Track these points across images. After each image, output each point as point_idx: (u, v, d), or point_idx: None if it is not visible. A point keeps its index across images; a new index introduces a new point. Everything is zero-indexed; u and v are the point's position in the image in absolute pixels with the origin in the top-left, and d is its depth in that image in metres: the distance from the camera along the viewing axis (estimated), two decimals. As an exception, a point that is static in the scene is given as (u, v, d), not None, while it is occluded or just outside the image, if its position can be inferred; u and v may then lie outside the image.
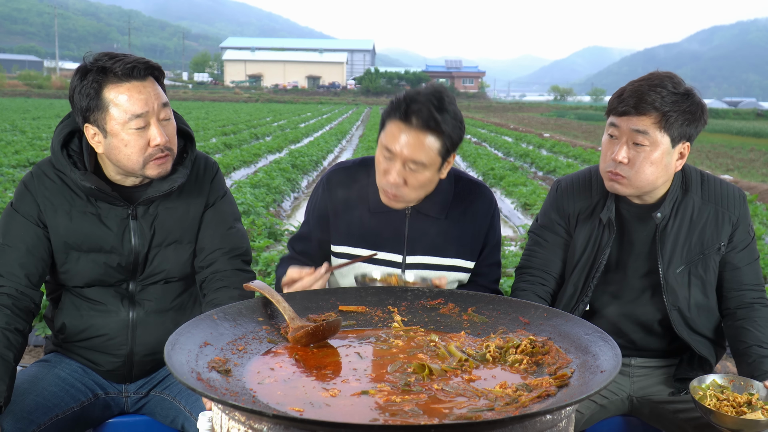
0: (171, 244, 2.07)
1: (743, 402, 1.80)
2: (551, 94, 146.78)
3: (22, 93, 65.84)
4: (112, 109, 1.86)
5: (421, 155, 1.96)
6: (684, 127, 1.99)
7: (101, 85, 1.85)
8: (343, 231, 2.19)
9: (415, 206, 2.15)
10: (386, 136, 2.00)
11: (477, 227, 2.20)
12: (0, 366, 1.81)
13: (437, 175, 2.06)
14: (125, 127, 1.87)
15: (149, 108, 1.87)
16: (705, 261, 2.13)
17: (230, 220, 2.16)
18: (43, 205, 1.98)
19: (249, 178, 11.37)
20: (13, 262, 1.95)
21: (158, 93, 1.90)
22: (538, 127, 35.42)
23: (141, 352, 2.08)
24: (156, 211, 2.04)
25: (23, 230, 1.97)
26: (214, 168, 2.18)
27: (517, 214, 9.94)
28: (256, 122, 31.35)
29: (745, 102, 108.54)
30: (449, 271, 2.18)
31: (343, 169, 2.25)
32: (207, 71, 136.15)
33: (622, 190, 2.06)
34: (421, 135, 1.94)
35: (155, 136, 1.89)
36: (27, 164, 12.66)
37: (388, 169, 2.01)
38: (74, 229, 1.98)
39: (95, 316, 2.05)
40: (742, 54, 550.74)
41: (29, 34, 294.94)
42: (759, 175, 15.97)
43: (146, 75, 1.89)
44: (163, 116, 1.91)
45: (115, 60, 1.85)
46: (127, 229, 2.02)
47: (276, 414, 1.13)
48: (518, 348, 1.54)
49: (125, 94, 1.85)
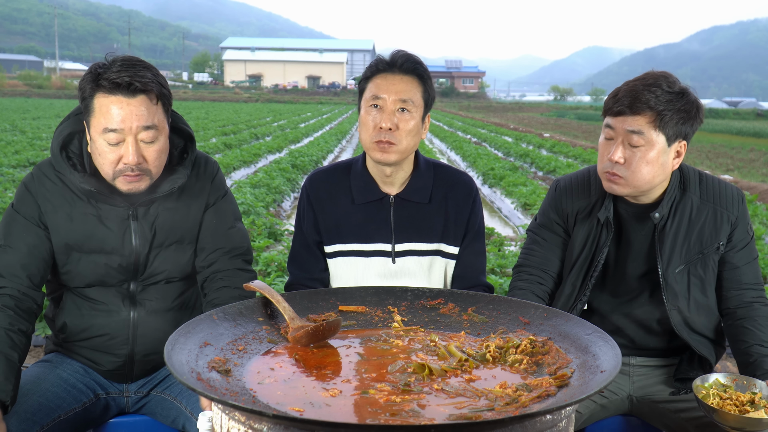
0: (172, 244, 2.07)
1: (746, 401, 1.80)
2: (551, 94, 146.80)
3: (22, 93, 65.86)
4: (95, 117, 1.86)
5: (409, 93, 2.11)
6: (679, 125, 1.99)
7: (93, 89, 1.85)
8: (333, 229, 2.24)
9: (398, 194, 2.23)
10: (371, 89, 2.13)
11: (458, 211, 2.26)
12: (5, 366, 1.81)
13: (421, 128, 2.18)
14: (101, 137, 1.86)
15: (125, 126, 1.84)
16: (704, 260, 2.13)
17: (231, 220, 2.16)
18: (43, 207, 1.98)
19: (249, 178, 11.38)
20: (14, 263, 1.95)
21: (144, 113, 1.85)
22: (538, 127, 35.43)
23: (142, 352, 2.08)
24: (157, 212, 2.04)
25: (24, 231, 1.97)
26: (215, 168, 2.18)
27: (517, 214, 9.93)
28: (256, 122, 31.35)
29: (745, 102, 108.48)
30: (435, 256, 2.24)
31: (320, 172, 2.33)
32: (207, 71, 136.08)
33: (620, 191, 2.06)
34: (406, 77, 2.13)
35: (126, 154, 1.86)
36: (27, 164, 12.67)
37: (379, 119, 2.11)
38: (75, 230, 1.98)
39: (96, 315, 2.05)
40: (742, 54, 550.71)
41: (29, 34, 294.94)
42: (759, 175, 15.97)
43: (137, 92, 1.84)
44: (144, 138, 1.87)
45: (115, 69, 1.83)
46: (128, 230, 2.02)
47: (276, 414, 1.13)
48: (518, 348, 1.54)
49: (107, 106, 1.84)
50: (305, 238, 2.28)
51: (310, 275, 2.26)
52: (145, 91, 1.85)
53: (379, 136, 2.10)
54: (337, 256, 2.25)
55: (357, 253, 2.23)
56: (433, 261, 2.24)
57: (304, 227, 2.28)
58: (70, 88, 71.18)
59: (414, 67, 2.13)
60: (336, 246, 2.24)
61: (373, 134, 2.11)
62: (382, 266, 2.21)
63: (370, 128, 2.12)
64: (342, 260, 2.24)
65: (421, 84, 2.14)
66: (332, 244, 2.25)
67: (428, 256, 2.24)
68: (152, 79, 1.87)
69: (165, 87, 1.92)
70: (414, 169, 2.26)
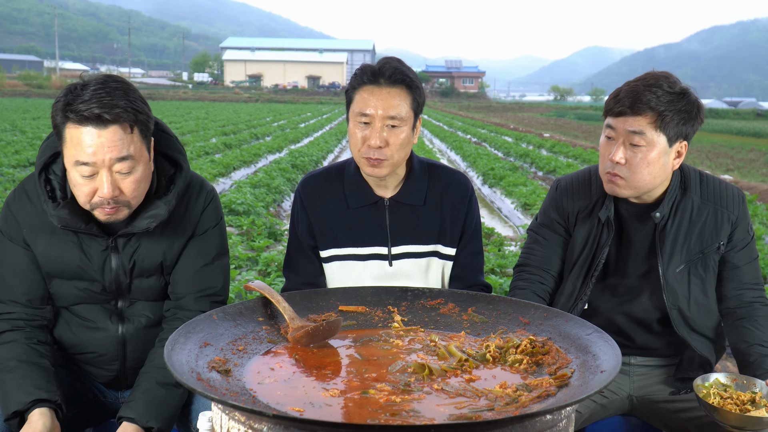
0: (153, 275, 1.99)
1: (747, 400, 1.81)
2: (551, 94, 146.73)
3: (22, 93, 65.82)
4: (66, 147, 1.74)
5: (398, 109, 2.06)
6: (680, 126, 1.99)
7: (64, 119, 1.72)
8: (327, 234, 2.22)
9: (393, 197, 2.21)
10: (359, 103, 2.08)
11: (454, 212, 2.24)
12: (42, 372, 1.83)
13: (412, 137, 2.14)
14: (74, 168, 1.74)
15: (97, 159, 1.70)
16: (704, 260, 2.13)
17: (212, 255, 2.01)
18: (24, 229, 1.91)
19: (249, 178, 11.39)
20: (12, 290, 1.92)
21: (117, 144, 1.70)
22: (538, 127, 35.42)
23: (133, 366, 2.03)
24: (138, 243, 1.93)
25: (14, 255, 1.92)
26: (209, 198, 2.02)
27: (517, 214, 9.93)
28: (256, 122, 31.35)
29: (745, 102, 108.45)
30: (431, 257, 2.22)
31: (313, 176, 2.30)
32: (207, 71, 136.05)
33: (621, 192, 2.06)
34: (392, 90, 2.07)
35: (101, 187, 1.73)
36: (27, 164, 12.67)
37: (368, 135, 2.06)
38: (54, 256, 1.91)
39: (85, 332, 2.00)
40: (742, 54, 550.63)
41: (29, 34, 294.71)
42: (759, 175, 15.97)
43: (108, 123, 1.69)
44: (119, 169, 1.73)
45: (86, 97, 1.68)
46: (107, 260, 1.93)
47: (276, 414, 1.13)
48: (518, 348, 1.54)
49: (77, 137, 1.70)
50: (300, 243, 2.26)
51: (306, 280, 2.24)
52: (117, 121, 1.70)
53: (368, 153, 2.07)
54: (332, 260, 2.23)
55: (353, 257, 2.21)
56: (429, 262, 2.24)
57: (298, 232, 2.26)
58: (70, 88, 71.06)
59: (402, 78, 2.06)
60: (331, 250, 2.23)
61: (362, 150, 2.08)
62: (378, 269, 2.20)
63: (359, 143, 2.08)
64: (338, 264, 2.23)
65: (410, 93, 2.08)
66: (327, 248, 2.23)
67: (425, 258, 2.23)
68: (125, 107, 1.71)
69: (142, 112, 1.75)
70: (408, 171, 2.23)
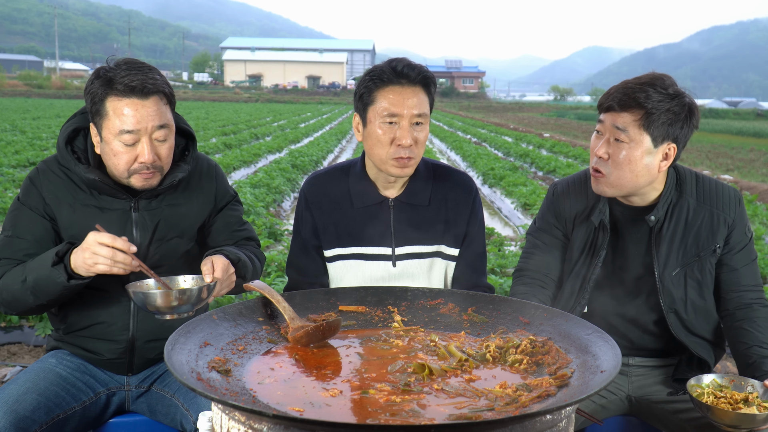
0: (173, 238, 2.11)
1: (740, 399, 1.82)
2: (551, 94, 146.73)
3: (22, 93, 65.82)
4: (109, 119, 1.92)
5: (423, 106, 2.09)
6: (666, 126, 1.97)
7: (105, 93, 1.91)
8: (332, 234, 2.22)
9: (397, 197, 2.21)
10: (385, 104, 2.06)
11: (458, 212, 2.25)
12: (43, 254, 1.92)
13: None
14: (116, 138, 1.93)
15: (141, 127, 1.92)
16: (701, 263, 2.12)
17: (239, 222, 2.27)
18: (48, 199, 2.03)
19: (249, 178, 11.38)
20: (19, 252, 2.00)
21: (157, 113, 1.94)
22: (538, 127, 35.42)
23: (143, 338, 2.10)
24: (159, 206, 2.10)
25: (30, 222, 2.03)
26: (217, 168, 2.26)
27: (517, 214, 9.93)
28: (256, 122, 31.35)
29: (745, 102, 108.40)
30: (435, 258, 2.23)
31: (318, 176, 2.30)
32: (207, 71, 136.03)
33: (604, 190, 2.06)
34: (416, 89, 2.10)
35: (143, 153, 1.94)
36: (27, 164, 12.67)
37: (399, 136, 2.07)
38: (77, 221, 2.03)
39: (98, 302, 2.07)
40: (742, 54, 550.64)
41: (29, 34, 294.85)
42: (759, 175, 15.97)
43: (150, 94, 1.92)
44: (157, 136, 1.96)
45: (124, 74, 1.89)
46: (128, 221, 2.06)
47: (276, 414, 1.14)
48: (518, 348, 1.54)
49: (122, 109, 1.90)
50: (304, 243, 2.26)
51: (309, 279, 2.24)
52: (157, 92, 1.94)
53: (399, 153, 2.07)
54: (336, 260, 2.24)
55: (357, 257, 2.21)
56: (433, 263, 2.24)
57: (302, 231, 2.27)
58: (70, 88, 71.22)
59: (423, 76, 2.10)
60: (335, 250, 2.23)
61: (391, 151, 2.08)
62: (382, 270, 2.20)
63: (387, 144, 2.08)
64: (342, 264, 2.23)
65: (429, 93, 2.13)
66: (332, 248, 2.23)
67: (428, 258, 2.23)
68: (161, 80, 1.95)
69: (169, 86, 2.00)
70: (414, 171, 2.23)
